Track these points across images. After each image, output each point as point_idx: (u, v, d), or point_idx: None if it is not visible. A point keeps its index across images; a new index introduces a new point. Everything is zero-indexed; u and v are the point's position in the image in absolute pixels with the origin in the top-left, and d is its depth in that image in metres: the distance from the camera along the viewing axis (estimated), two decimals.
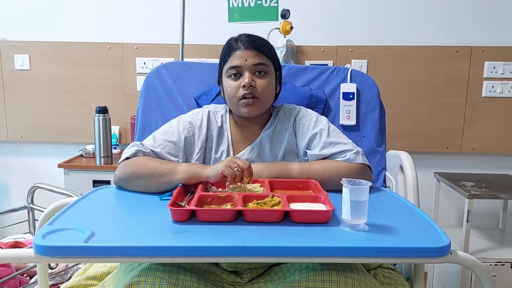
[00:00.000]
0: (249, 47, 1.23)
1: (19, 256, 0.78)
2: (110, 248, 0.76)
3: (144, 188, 1.16)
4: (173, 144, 1.24)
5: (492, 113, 2.33)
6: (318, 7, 2.32)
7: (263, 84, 1.22)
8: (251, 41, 1.25)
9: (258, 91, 1.21)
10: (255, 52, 1.22)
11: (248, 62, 1.21)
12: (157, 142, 1.23)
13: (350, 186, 0.86)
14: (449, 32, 2.30)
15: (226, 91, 1.26)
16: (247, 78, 1.20)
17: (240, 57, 1.22)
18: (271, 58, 1.26)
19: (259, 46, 1.24)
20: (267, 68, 1.24)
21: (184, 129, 1.27)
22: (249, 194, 1.00)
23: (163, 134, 1.26)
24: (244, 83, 1.20)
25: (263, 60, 1.23)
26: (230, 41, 1.29)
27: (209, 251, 0.77)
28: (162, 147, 1.22)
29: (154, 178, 1.13)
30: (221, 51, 1.30)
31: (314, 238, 0.83)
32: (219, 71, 1.31)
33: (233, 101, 1.24)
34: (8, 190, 2.57)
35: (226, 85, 1.25)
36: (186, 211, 0.90)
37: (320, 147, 1.21)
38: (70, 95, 2.42)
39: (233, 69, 1.23)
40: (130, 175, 1.16)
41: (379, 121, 1.58)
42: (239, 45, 1.24)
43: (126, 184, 1.18)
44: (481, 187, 2.01)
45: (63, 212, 0.93)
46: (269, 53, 1.26)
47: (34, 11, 2.39)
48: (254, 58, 1.22)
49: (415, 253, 0.79)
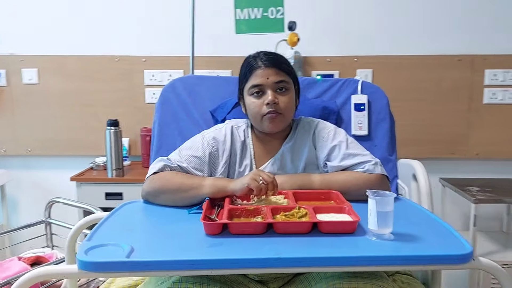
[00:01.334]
0: (270, 65, 1.27)
1: (64, 273, 0.81)
2: (153, 262, 0.80)
3: (171, 202, 1.19)
4: (198, 159, 1.27)
5: (494, 119, 2.39)
6: (324, 19, 2.37)
7: (285, 101, 1.27)
8: (271, 59, 1.29)
9: (281, 107, 1.26)
10: (276, 70, 1.27)
11: (270, 80, 1.26)
12: (183, 158, 1.27)
13: (376, 198, 0.90)
14: (450, 42, 2.36)
15: (249, 108, 1.30)
16: (270, 95, 1.25)
17: (261, 75, 1.26)
18: (290, 74, 1.30)
19: (279, 63, 1.28)
20: (288, 84, 1.29)
21: (209, 144, 1.30)
22: (277, 207, 1.04)
23: (189, 150, 1.30)
24: (268, 100, 1.24)
25: (284, 78, 1.27)
26: (249, 60, 1.33)
27: (248, 263, 0.80)
28: (188, 162, 1.26)
29: (181, 192, 1.17)
30: (241, 69, 1.34)
31: (344, 248, 0.87)
32: (240, 89, 1.35)
33: (257, 118, 1.28)
34: (17, 204, 2.58)
35: (249, 103, 1.29)
36: (218, 224, 0.93)
37: (339, 158, 1.25)
38: (78, 108, 2.45)
39: (256, 88, 1.27)
40: (158, 190, 1.19)
41: (390, 131, 1.63)
42: (259, 63, 1.28)
43: (154, 198, 1.21)
44: (486, 192, 2.05)
45: (98, 227, 0.96)
46: (288, 69, 1.30)
47: (42, 25, 2.41)
48: (275, 76, 1.26)
49: (440, 261, 0.83)
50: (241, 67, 1.34)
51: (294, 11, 2.18)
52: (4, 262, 1.50)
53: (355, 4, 2.36)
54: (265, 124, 1.28)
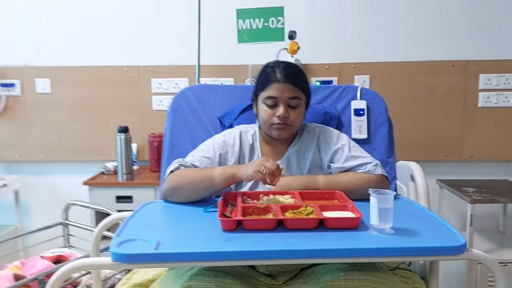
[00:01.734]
0: (286, 80, 1.35)
1: (98, 264, 0.91)
2: (178, 254, 0.89)
3: (188, 195, 1.29)
4: (209, 159, 1.38)
5: (489, 122, 2.49)
6: (323, 28, 2.48)
7: (295, 115, 1.37)
8: (289, 74, 1.37)
9: (290, 121, 1.37)
10: (292, 86, 1.36)
11: (284, 96, 1.35)
12: (196, 158, 1.38)
13: (377, 196, 0.99)
14: (445, 48, 2.47)
15: (261, 115, 1.40)
16: (282, 110, 1.35)
17: (277, 89, 1.35)
18: (304, 90, 1.40)
19: (296, 80, 1.37)
20: (300, 100, 1.38)
21: (219, 147, 1.41)
22: (285, 205, 1.13)
23: (201, 152, 1.41)
24: (279, 113, 1.35)
25: (298, 94, 1.37)
26: (267, 70, 1.41)
27: (262, 254, 0.90)
28: (200, 162, 1.37)
29: (195, 184, 1.27)
30: (259, 74, 1.43)
31: (348, 241, 0.96)
32: (254, 93, 1.44)
33: (266, 125, 1.39)
34: (30, 208, 2.67)
35: (261, 110, 1.39)
36: (234, 221, 1.03)
37: (342, 160, 1.36)
38: (88, 116, 2.55)
39: (270, 99, 1.36)
40: (175, 186, 1.29)
41: (388, 134, 1.73)
42: (278, 76, 1.36)
43: (172, 194, 1.31)
44: (482, 193, 2.15)
45: (124, 225, 1.05)
46: (303, 85, 1.40)
47: (54, 38, 2.52)
48: (290, 92, 1.36)
49: (436, 252, 0.92)
50: (260, 73, 1.43)
51: (294, 21, 2.29)
52: (28, 260, 1.59)
53: (352, 13, 2.47)
54: (273, 132, 1.39)
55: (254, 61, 2.44)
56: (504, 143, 2.49)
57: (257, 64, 2.43)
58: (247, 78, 2.45)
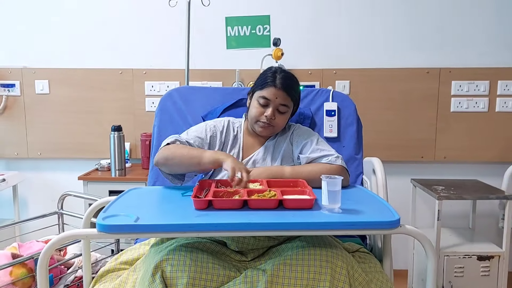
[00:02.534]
0: (282, 88, 1.53)
1: (86, 233, 1.06)
2: (154, 225, 1.05)
3: (177, 166, 1.46)
4: (201, 140, 1.58)
5: (461, 126, 2.65)
6: (306, 36, 2.65)
7: (281, 120, 1.57)
8: (286, 84, 1.54)
9: (275, 123, 1.56)
10: (285, 94, 1.54)
11: (276, 100, 1.54)
12: (190, 136, 1.57)
13: (327, 180, 1.15)
14: (420, 56, 2.64)
15: (251, 110, 1.58)
16: (270, 112, 1.53)
17: (272, 93, 1.53)
18: (294, 100, 1.59)
19: (290, 90, 1.55)
20: (289, 108, 1.57)
21: (210, 130, 1.61)
22: (252, 190, 1.29)
23: (195, 132, 1.60)
24: (267, 114, 1.54)
25: (288, 102, 1.56)
26: (269, 73, 1.58)
27: (225, 227, 1.05)
28: (193, 140, 1.56)
29: (186, 159, 1.44)
30: (261, 75, 1.61)
31: (302, 217, 1.12)
32: (252, 89, 1.62)
33: (253, 120, 1.58)
34: (28, 202, 2.82)
35: (253, 105, 1.58)
36: (205, 201, 1.18)
37: (309, 152, 1.54)
38: (84, 116, 2.70)
39: (263, 99, 1.55)
40: (169, 155, 1.46)
41: (357, 133, 1.89)
42: (276, 82, 1.53)
43: (164, 163, 1.47)
44: (450, 190, 2.30)
45: (110, 205, 1.21)
46: (294, 96, 1.58)
47: (53, 41, 2.69)
48: (282, 99, 1.54)
49: (374, 226, 1.08)
50: (262, 73, 1.61)
51: (279, 29, 2.46)
52: (25, 243, 1.73)
53: (334, 22, 2.64)
54: (256, 128, 1.58)
55: (242, 66, 2.61)
56: (474, 145, 2.66)
57: (244, 69, 2.60)
58: (235, 81, 2.62)
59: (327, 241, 1.30)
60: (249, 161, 1.59)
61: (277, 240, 1.36)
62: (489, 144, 2.66)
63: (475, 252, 2.26)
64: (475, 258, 2.25)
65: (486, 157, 2.67)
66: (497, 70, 2.60)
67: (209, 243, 1.32)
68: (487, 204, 2.66)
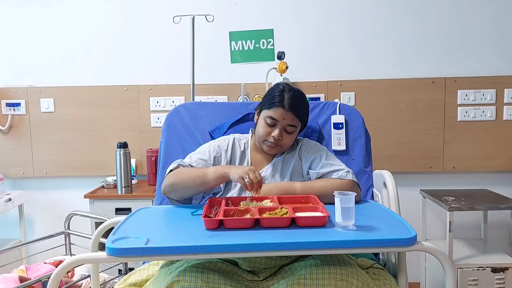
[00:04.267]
0: (290, 109, 1.51)
1: (95, 257, 1.04)
2: (165, 248, 1.03)
3: (184, 190, 1.45)
4: (205, 161, 1.55)
5: (468, 135, 2.63)
6: (310, 48, 2.65)
7: (288, 139, 1.55)
8: (294, 104, 1.52)
9: (282, 143, 1.54)
10: (293, 116, 1.52)
11: (284, 121, 1.52)
12: (193, 159, 1.55)
13: (340, 196, 1.13)
14: (425, 66, 2.63)
15: (259, 129, 1.56)
16: (277, 132, 1.51)
17: (280, 114, 1.51)
18: (302, 120, 1.56)
19: (298, 110, 1.53)
20: (296, 128, 1.55)
21: (214, 150, 1.59)
22: (263, 207, 1.27)
23: (198, 154, 1.58)
24: (274, 135, 1.51)
25: (295, 123, 1.54)
26: (276, 93, 1.54)
27: (238, 248, 1.03)
28: (196, 163, 1.54)
29: (191, 180, 1.43)
30: (268, 92, 1.59)
31: (315, 235, 1.10)
32: (259, 106, 1.60)
33: (261, 139, 1.56)
34: (34, 222, 2.80)
35: (260, 124, 1.56)
36: (216, 220, 1.16)
37: (319, 167, 1.52)
38: (90, 133, 2.70)
39: (271, 119, 1.52)
40: (173, 182, 1.45)
41: (365, 146, 1.87)
42: (284, 103, 1.51)
43: (171, 190, 1.46)
44: (461, 201, 2.26)
45: (119, 226, 1.19)
46: (302, 117, 1.56)
47: (58, 59, 2.70)
48: (290, 120, 1.52)
49: (390, 243, 1.05)
50: (270, 91, 1.59)
51: (283, 42, 2.46)
52: (33, 266, 1.71)
53: (338, 34, 2.64)
54: (264, 147, 1.57)
55: (247, 80, 2.61)
56: (483, 154, 2.63)
57: (249, 83, 2.60)
58: (240, 95, 2.61)
59: (341, 258, 1.27)
60: None
61: (290, 259, 1.33)
62: (497, 153, 2.63)
63: (489, 264, 2.22)
64: (489, 270, 2.21)
65: (495, 166, 2.64)
66: (503, 79, 2.59)
67: (220, 262, 1.30)
68: (498, 214, 2.62)
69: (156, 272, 1.42)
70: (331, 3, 2.62)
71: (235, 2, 2.64)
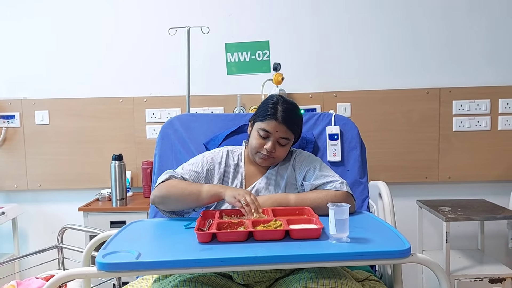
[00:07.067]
0: (283, 122, 1.50)
1: (85, 272, 1.02)
2: (156, 262, 1.01)
3: (175, 204, 1.43)
4: (197, 173, 1.53)
5: (464, 145, 2.63)
6: (305, 59, 2.66)
7: (281, 152, 1.54)
8: (287, 118, 1.51)
9: (275, 155, 1.53)
10: (286, 128, 1.51)
11: (277, 134, 1.51)
12: (185, 171, 1.53)
13: (334, 208, 1.12)
14: (420, 76, 2.64)
15: (252, 141, 1.55)
16: (270, 145, 1.50)
17: (273, 127, 1.50)
18: (295, 133, 1.56)
19: (291, 123, 1.52)
20: (289, 141, 1.54)
21: (207, 163, 1.57)
22: (257, 220, 1.26)
23: (191, 165, 1.56)
24: (267, 147, 1.51)
25: (289, 136, 1.53)
26: (270, 104, 1.53)
27: (231, 261, 1.01)
28: (189, 175, 1.51)
29: (184, 196, 1.41)
30: (262, 104, 1.58)
31: (309, 248, 1.08)
32: (253, 117, 1.59)
33: (253, 151, 1.55)
34: (28, 235, 2.77)
35: (253, 136, 1.55)
36: (209, 234, 1.15)
37: (313, 178, 1.51)
38: (85, 145, 2.68)
39: (264, 131, 1.51)
40: (165, 194, 1.43)
41: (361, 157, 1.86)
42: (277, 116, 1.50)
43: (161, 202, 1.44)
44: (457, 211, 2.26)
45: (111, 240, 1.17)
46: (296, 129, 1.55)
47: (52, 72, 2.69)
48: (283, 133, 1.51)
49: (384, 255, 1.04)
50: (263, 103, 1.58)
51: (279, 53, 2.47)
52: (24, 281, 1.69)
53: (333, 45, 2.65)
54: (257, 159, 1.55)
55: (243, 91, 2.61)
56: (478, 164, 2.63)
57: (245, 94, 2.60)
58: (236, 107, 2.61)
59: (336, 270, 1.25)
60: (252, 190, 1.56)
61: (284, 272, 1.31)
62: (493, 163, 2.63)
63: (486, 275, 2.21)
64: (487, 281, 2.19)
65: (491, 176, 2.64)
66: (497, 89, 2.60)
67: (214, 276, 1.28)
68: (495, 224, 2.60)
69: (149, 286, 1.40)
70: (326, 14, 2.64)
71: (230, 14, 2.66)
